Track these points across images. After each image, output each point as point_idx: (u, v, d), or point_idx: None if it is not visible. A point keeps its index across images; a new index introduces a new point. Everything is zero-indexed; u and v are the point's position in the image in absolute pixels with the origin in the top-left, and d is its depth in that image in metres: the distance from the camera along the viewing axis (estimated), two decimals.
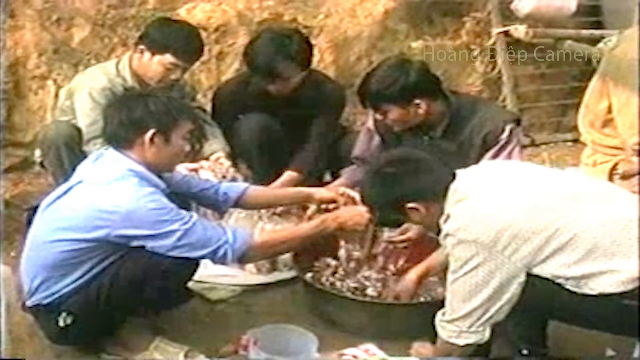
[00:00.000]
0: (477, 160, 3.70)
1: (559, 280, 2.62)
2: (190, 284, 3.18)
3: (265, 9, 5.23)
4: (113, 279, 2.94)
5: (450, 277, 2.73)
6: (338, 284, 3.56)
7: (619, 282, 2.56)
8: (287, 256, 3.79)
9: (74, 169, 3.20)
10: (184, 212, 2.99)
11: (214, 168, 4.05)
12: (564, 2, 5.63)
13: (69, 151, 3.95)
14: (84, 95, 4.00)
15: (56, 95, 4.75)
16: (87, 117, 3.98)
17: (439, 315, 2.81)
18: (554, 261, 2.60)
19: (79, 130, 4.01)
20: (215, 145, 4.24)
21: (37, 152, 4.26)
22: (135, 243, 2.91)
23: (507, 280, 2.62)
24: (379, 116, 3.70)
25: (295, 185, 4.20)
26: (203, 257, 3.00)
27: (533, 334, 3.03)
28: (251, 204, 3.62)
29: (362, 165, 4.04)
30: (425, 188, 2.79)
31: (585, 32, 5.89)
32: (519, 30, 5.60)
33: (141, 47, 4.01)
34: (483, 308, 2.67)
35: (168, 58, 3.95)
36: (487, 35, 5.74)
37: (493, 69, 5.83)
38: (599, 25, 6.11)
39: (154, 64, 3.98)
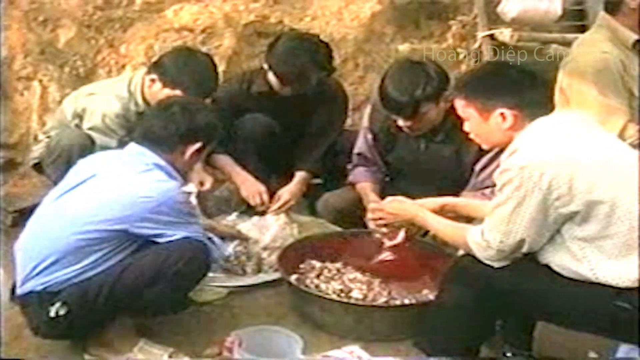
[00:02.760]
0: (471, 165, 3.71)
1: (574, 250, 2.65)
2: None
3: (251, 11, 5.22)
4: (119, 276, 2.95)
5: None
6: (323, 286, 3.55)
7: (628, 278, 2.59)
8: (272, 258, 3.81)
9: None
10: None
11: None
12: (549, 6, 5.65)
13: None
14: (96, 120, 3.93)
15: (42, 97, 4.75)
16: (98, 140, 3.92)
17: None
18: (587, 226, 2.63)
19: (92, 140, 3.94)
20: None
21: (34, 154, 4.22)
22: (154, 232, 2.98)
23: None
24: (407, 122, 3.71)
25: (304, 185, 4.40)
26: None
27: (520, 336, 3.06)
28: None
29: (363, 162, 4.08)
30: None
31: (570, 36, 5.86)
32: (505, 34, 5.60)
33: (153, 76, 3.94)
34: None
35: (178, 94, 3.85)
36: (473, 38, 5.74)
37: None
38: (584, 29, 6.10)
39: (162, 96, 3.84)
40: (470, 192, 3.72)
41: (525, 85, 2.81)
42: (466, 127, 2.93)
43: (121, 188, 2.98)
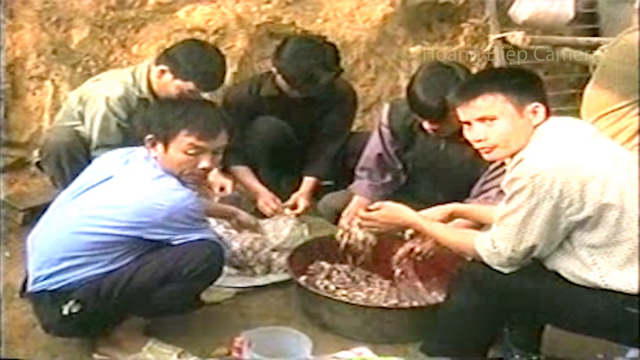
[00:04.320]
0: (486, 168, 3.69)
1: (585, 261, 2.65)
2: None
3: (263, 13, 5.23)
4: (133, 274, 2.97)
5: None
6: (332, 287, 3.57)
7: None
8: (281, 259, 3.81)
9: (73, 175, 3.24)
10: None
11: None
12: (561, 10, 5.64)
13: (70, 157, 3.92)
14: (99, 103, 3.97)
15: (54, 96, 4.76)
16: (100, 125, 3.96)
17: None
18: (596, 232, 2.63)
19: (80, 137, 3.99)
20: None
21: (35, 153, 4.26)
22: (167, 237, 3.00)
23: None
24: (433, 125, 3.68)
25: (314, 190, 4.42)
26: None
27: (528, 339, 3.06)
28: None
29: (367, 178, 4.02)
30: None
31: (582, 40, 5.88)
32: (517, 37, 5.59)
33: (163, 67, 3.96)
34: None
35: (189, 86, 3.90)
36: (484, 41, 5.73)
37: None
38: (595, 32, 6.11)
39: (173, 86, 3.93)
40: (475, 198, 3.71)
41: (541, 82, 2.87)
42: (479, 133, 2.85)
43: (135, 194, 2.98)
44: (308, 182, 4.47)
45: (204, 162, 3.07)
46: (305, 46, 4.31)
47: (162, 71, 3.97)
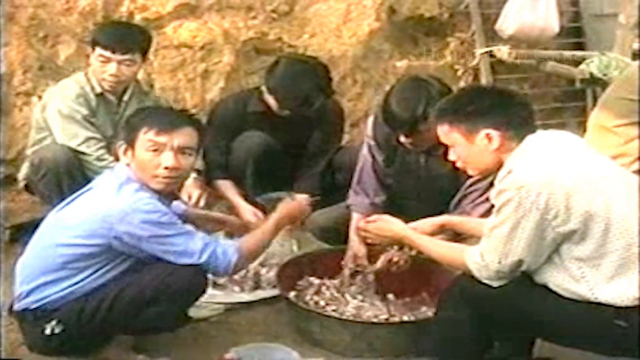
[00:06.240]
0: (465, 181, 3.71)
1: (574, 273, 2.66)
2: None
3: (250, 28, 5.24)
4: (117, 295, 2.95)
5: None
6: (321, 302, 3.56)
7: (627, 296, 2.60)
8: (270, 274, 3.80)
9: (71, 193, 3.23)
10: (177, 218, 3.08)
11: None
12: (546, 24, 5.68)
13: (69, 176, 3.91)
14: (58, 102, 4.09)
15: None
16: (70, 121, 4.05)
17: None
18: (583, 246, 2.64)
19: (75, 154, 4.00)
20: None
21: (21, 175, 4.24)
22: (131, 246, 2.95)
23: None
24: (408, 139, 3.69)
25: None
26: (194, 264, 3.02)
27: (518, 352, 3.06)
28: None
29: (366, 195, 3.97)
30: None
31: (567, 54, 5.94)
32: (503, 51, 5.64)
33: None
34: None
35: (98, 51, 4.07)
36: (471, 55, 5.77)
37: None
38: (580, 46, 6.17)
39: (93, 60, 4.12)
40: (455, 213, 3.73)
41: (505, 104, 2.84)
42: (451, 155, 2.94)
43: (97, 202, 2.99)
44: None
45: (167, 160, 3.02)
46: (299, 68, 4.30)
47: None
